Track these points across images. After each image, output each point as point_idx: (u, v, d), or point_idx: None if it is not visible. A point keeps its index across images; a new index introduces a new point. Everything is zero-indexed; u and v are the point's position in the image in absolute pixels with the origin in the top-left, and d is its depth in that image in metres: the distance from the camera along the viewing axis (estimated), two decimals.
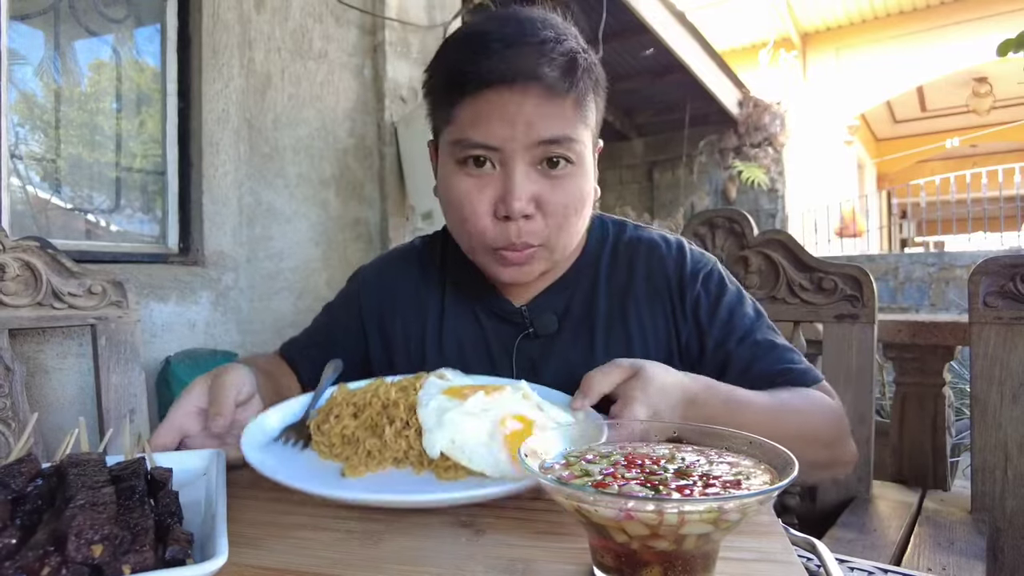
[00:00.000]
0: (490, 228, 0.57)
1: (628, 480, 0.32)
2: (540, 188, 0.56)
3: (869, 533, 0.72)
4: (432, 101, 0.62)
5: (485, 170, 0.57)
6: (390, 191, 2.18)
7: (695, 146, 5.41)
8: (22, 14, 1.46)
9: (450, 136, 0.58)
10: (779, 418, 0.55)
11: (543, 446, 0.37)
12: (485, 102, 0.55)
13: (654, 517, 0.28)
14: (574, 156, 0.57)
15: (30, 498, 0.37)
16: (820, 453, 0.57)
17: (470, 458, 0.43)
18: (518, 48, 0.55)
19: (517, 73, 0.54)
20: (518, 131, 0.55)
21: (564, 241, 0.60)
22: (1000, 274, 0.79)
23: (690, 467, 0.34)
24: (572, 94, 0.56)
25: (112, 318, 0.77)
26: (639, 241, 0.67)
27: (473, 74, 0.55)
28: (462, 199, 0.58)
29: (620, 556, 0.31)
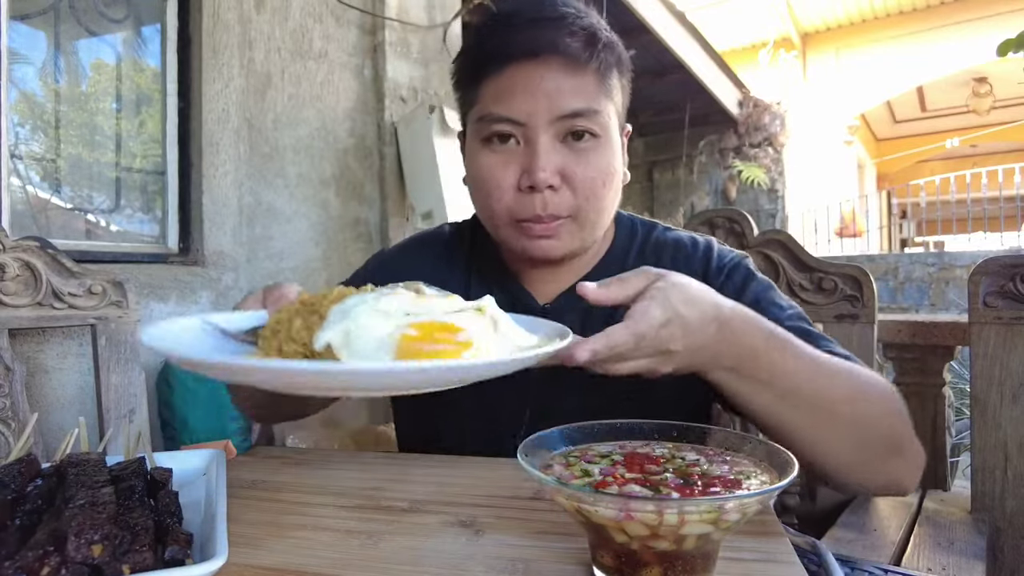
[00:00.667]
0: (514, 201, 0.57)
1: (628, 480, 0.32)
2: (565, 160, 0.56)
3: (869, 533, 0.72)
4: (459, 87, 0.63)
5: (509, 146, 0.57)
6: (390, 191, 2.18)
7: (695, 146, 5.40)
8: (22, 14, 1.46)
9: (476, 115, 0.59)
10: (828, 373, 0.49)
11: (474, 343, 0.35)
12: (507, 77, 0.56)
13: (654, 517, 0.28)
14: (599, 129, 0.57)
15: (30, 498, 0.37)
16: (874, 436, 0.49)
17: (351, 356, 0.36)
18: (539, 23, 0.56)
19: (538, 46, 0.55)
20: (540, 104, 0.55)
21: (593, 216, 0.58)
22: (1000, 274, 0.79)
23: (690, 467, 0.34)
24: (593, 65, 0.56)
25: (112, 318, 0.77)
26: (665, 243, 0.66)
27: (495, 51, 0.56)
28: (486, 175, 0.58)
29: (620, 556, 0.31)
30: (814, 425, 0.48)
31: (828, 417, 0.48)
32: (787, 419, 0.48)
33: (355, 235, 2.13)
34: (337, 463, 0.57)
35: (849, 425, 0.49)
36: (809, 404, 0.48)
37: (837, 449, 0.49)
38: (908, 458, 0.51)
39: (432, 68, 2.32)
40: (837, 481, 0.52)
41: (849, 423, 0.49)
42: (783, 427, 0.48)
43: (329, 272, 2.05)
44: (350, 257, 2.10)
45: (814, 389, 0.48)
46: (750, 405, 0.48)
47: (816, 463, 0.50)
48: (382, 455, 0.61)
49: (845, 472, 0.51)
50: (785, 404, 0.48)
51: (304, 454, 0.66)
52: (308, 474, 0.54)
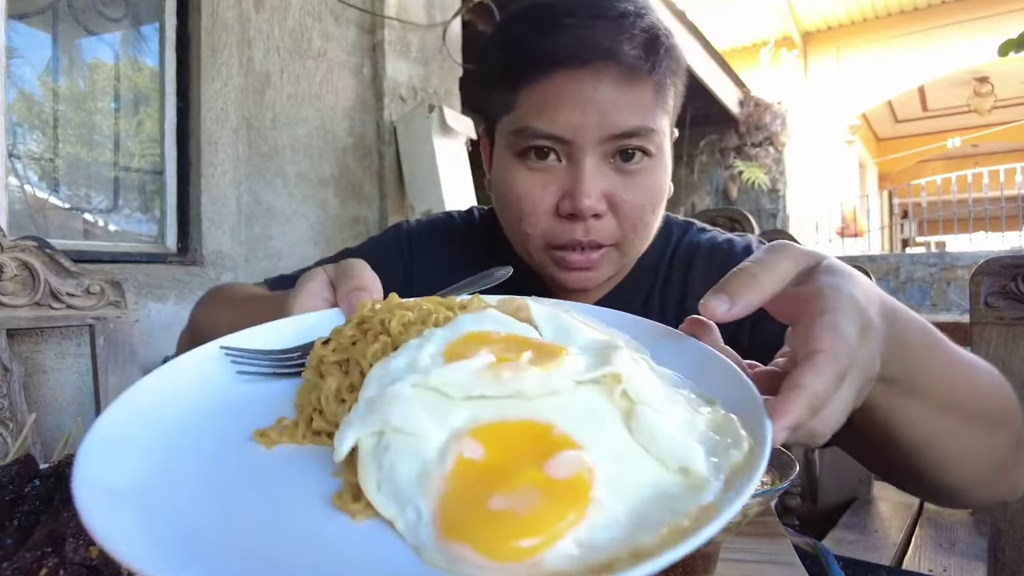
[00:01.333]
0: (552, 226, 0.50)
1: None
2: (612, 184, 0.49)
3: (870, 534, 0.72)
4: (487, 85, 0.54)
5: (549, 163, 0.49)
6: (389, 190, 2.18)
7: (696, 145, 5.40)
8: (20, 13, 1.46)
9: (510, 125, 0.51)
10: (977, 373, 0.41)
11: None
12: (553, 86, 0.47)
13: None
14: (653, 148, 0.50)
15: (28, 499, 0.37)
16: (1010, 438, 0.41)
17: (381, 485, 0.22)
18: (593, 23, 0.47)
19: (592, 52, 0.46)
20: (590, 120, 0.47)
21: (638, 244, 0.53)
22: (1001, 274, 0.78)
23: None
24: (654, 77, 0.48)
25: (110, 318, 0.77)
26: (698, 247, 0.59)
27: (540, 53, 0.48)
28: (521, 196, 0.50)
29: None
30: (964, 438, 0.39)
31: (978, 426, 0.40)
32: (936, 437, 0.37)
33: (354, 235, 2.13)
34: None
35: (991, 425, 0.41)
36: (965, 415, 0.39)
37: (980, 457, 0.41)
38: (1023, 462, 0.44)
39: (432, 67, 2.31)
40: (959, 496, 0.43)
41: (991, 423, 0.41)
42: (929, 442, 0.37)
43: None
44: None
45: (971, 395, 0.39)
46: (894, 428, 0.36)
47: (955, 479, 0.40)
48: None
49: (979, 483, 0.42)
50: (940, 418, 0.37)
51: None
52: None
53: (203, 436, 0.26)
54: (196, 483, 0.24)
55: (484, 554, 0.19)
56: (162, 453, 0.25)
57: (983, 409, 0.40)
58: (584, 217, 0.49)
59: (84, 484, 0.22)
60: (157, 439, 0.25)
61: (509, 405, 0.23)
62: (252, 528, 0.21)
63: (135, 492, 0.23)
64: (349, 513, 0.22)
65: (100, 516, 0.21)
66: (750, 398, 0.26)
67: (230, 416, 0.28)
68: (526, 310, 0.31)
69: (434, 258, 0.62)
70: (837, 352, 0.26)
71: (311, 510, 0.23)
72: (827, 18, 6.03)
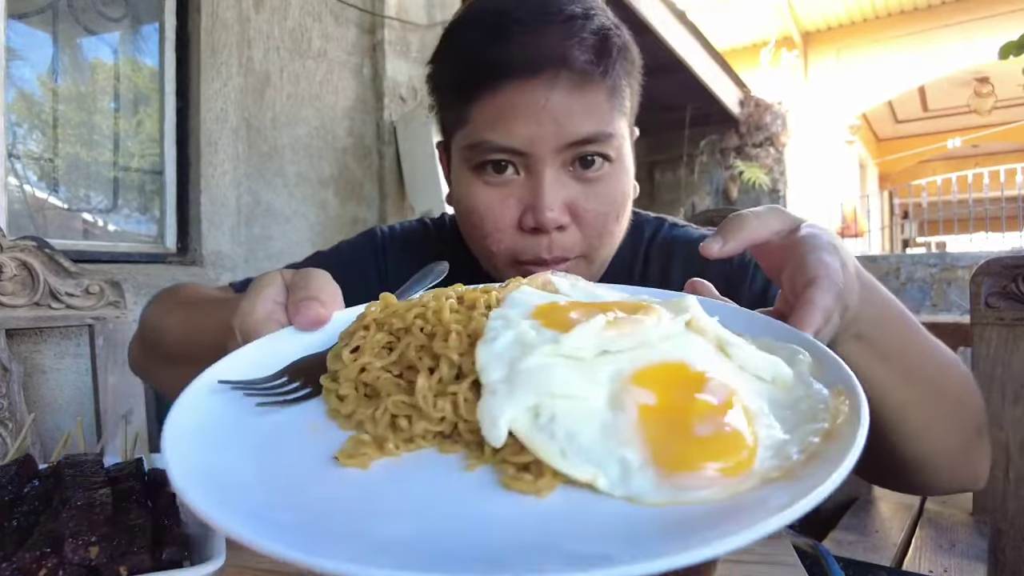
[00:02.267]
0: (516, 242, 0.49)
1: None
2: (574, 194, 0.48)
3: (871, 535, 0.71)
4: (440, 97, 0.54)
5: (507, 176, 0.48)
6: (389, 191, 2.18)
7: (696, 146, 5.40)
8: (20, 13, 1.46)
9: (465, 139, 0.50)
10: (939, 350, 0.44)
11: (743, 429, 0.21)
12: (505, 98, 0.46)
13: None
14: (612, 152, 0.49)
15: (27, 499, 0.37)
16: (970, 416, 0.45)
17: (566, 452, 0.22)
18: (541, 29, 0.46)
19: (542, 60, 0.46)
20: (546, 130, 0.46)
21: (604, 252, 0.52)
22: (1002, 275, 0.78)
23: None
24: (607, 81, 0.47)
25: (110, 318, 0.77)
26: (674, 242, 0.58)
27: (490, 65, 0.47)
28: (482, 213, 0.49)
29: None
30: (932, 409, 0.43)
31: (943, 400, 0.44)
32: (905, 399, 0.41)
33: (354, 235, 2.13)
34: None
35: (957, 407, 0.45)
36: (931, 386, 0.43)
37: (944, 436, 0.44)
38: (987, 439, 0.48)
39: None
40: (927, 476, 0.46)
41: (957, 405, 0.45)
42: (898, 409, 0.41)
43: None
44: None
45: (936, 369, 0.44)
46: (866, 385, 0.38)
47: (918, 456, 0.44)
48: None
49: (942, 462, 0.45)
50: (910, 386, 0.41)
51: None
52: None
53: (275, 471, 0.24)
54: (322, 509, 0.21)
55: (718, 473, 0.21)
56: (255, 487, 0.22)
57: (948, 387, 0.44)
58: (548, 230, 0.48)
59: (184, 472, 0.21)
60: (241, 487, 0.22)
61: (638, 355, 0.25)
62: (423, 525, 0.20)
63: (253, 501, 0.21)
64: (536, 491, 0.21)
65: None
66: (773, 324, 0.31)
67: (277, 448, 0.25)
68: (551, 284, 0.34)
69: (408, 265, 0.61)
70: (832, 276, 0.32)
71: (474, 501, 0.22)
72: (827, 18, 6.03)
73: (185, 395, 0.27)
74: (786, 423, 0.24)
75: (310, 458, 0.25)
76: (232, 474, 0.23)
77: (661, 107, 5.32)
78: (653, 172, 5.79)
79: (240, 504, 0.20)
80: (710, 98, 4.84)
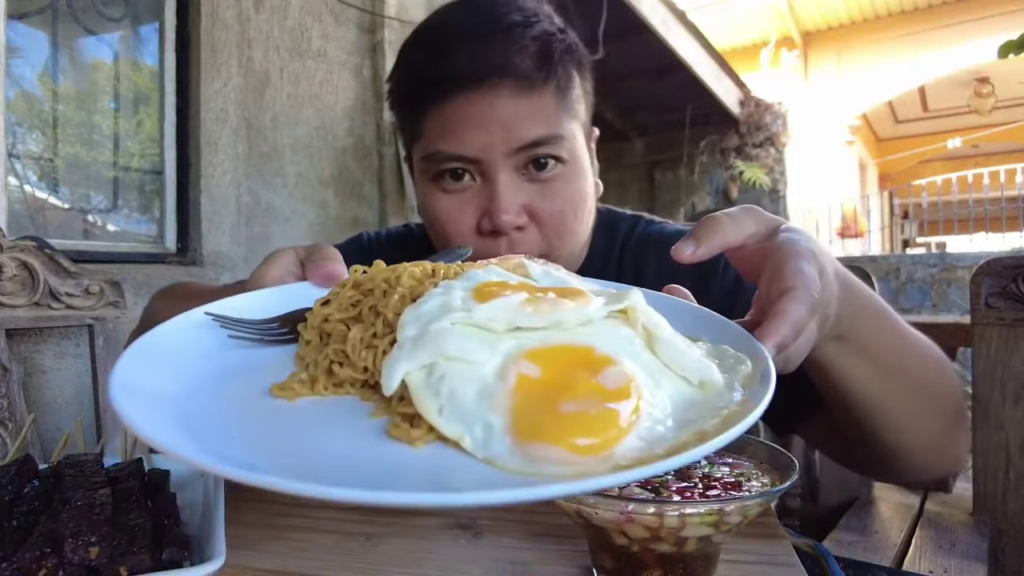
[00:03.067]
0: (477, 246, 0.50)
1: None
2: (529, 196, 0.50)
3: (871, 535, 0.71)
4: (398, 114, 0.56)
5: (464, 183, 0.50)
6: (389, 191, 2.18)
7: (696, 146, 5.40)
8: (20, 13, 1.46)
9: (421, 151, 0.51)
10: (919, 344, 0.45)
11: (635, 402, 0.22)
12: (453, 108, 0.48)
13: (655, 520, 0.28)
14: (564, 154, 0.50)
15: (27, 499, 0.37)
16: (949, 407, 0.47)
17: (443, 409, 0.23)
18: (482, 40, 0.48)
19: (485, 70, 0.47)
20: (495, 137, 0.48)
21: (566, 250, 0.53)
22: (1002, 275, 0.78)
23: (691, 469, 0.34)
24: (551, 84, 0.49)
25: (109, 318, 0.77)
26: (649, 239, 0.60)
27: (436, 78, 0.49)
28: (443, 220, 0.51)
29: (620, 559, 0.30)
30: (909, 402, 0.44)
31: (921, 393, 0.44)
32: (885, 399, 0.42)
33: (354, 235, 2.13)
34: None
35: (935, 400, 0.46)
36: (909, 380, 0.43)
37: (923, 427, 0.45)
38: (966, 429, 0.50)
39: None
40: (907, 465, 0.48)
41: (935, 397, 0.46)
42: (880, 402, 0.42)
43: None
44: None
45: (914, 363, 0.44)
46: (848, 385, 0.41)
47: (897, 446, 0.45)
48: None
49: (921, 451, 0.47)
50: (887, 381, 0.42)
51: None
52: None
53: (217, 392, 0.27)
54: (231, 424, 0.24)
55: (568, 449, 0.21)
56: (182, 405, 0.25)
57: (928, 378, 0.45)
58: (506, 231, 0.49)
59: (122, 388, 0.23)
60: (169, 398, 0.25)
61: (550, 334, 0.26)
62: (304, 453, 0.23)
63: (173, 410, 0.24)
64: (409, 440, 0.23)
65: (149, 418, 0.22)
66: (735, 331, 0.30)
67: (235, 376, 0.29)
68: (524, 267, 0.34)
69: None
70: (808, 286, 0.30)
71: (362, 443, 0.24)
72: (827, 18, 6.03)
73: (170, 322, 0.30)
74: (679, 422, 0.24)
75: (255, 388, 0.28)
76: (172, 391, 0.25)
77: (661, 107, 5.33)
78: (653, 172, 5.79)
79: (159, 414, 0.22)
80: (710, 98, 4.84)
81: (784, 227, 0.35)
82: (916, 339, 0.45)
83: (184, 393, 0.26)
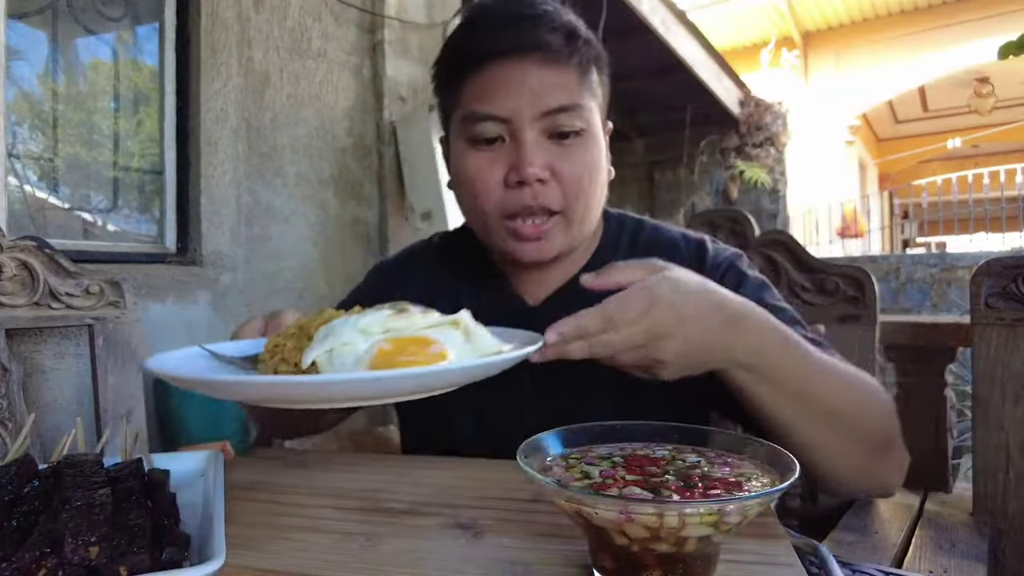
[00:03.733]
0: (503, 197, 0.57)
1: (629, 482, 0.32)
2: (552, 156, 0.56)
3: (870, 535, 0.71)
4: (440, 91, 0.62)
5: (496, 147, 0.57)
6: (389, 191, 2.18)
7: (696, 146, 5.40)
8: (20, 12, 1.46)
9: (460, 116, 0.59)
10: (838, 376, 0.51)
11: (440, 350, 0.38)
12: (489, 76, 0.56)
13: (654, 519, 0.28)
14: (583, 124, 0.57)
15: (26, 499, 0.37)
16: (872, 437, 0.52)
17: (334, 372, 0.40)
18: (518, 20, 0.56)
19: (519, 43, 0.55)
20: (524, 101, 0.55)
21: (582, 212, 0.58)
22: (1002, 275, 0.78)
23: (691, 469, 0.34)
24: (574, 60, 0.56)
25: (110, 318, 0.77)
26: (655, 241, 0.65)
27: (474, 50, 0.57)
28: (474, 175, 0.58)
29: (620, 559, 0.30)
30: (823, 428, 0.49)
31: (836, 420, 0.49)
32: (798, 422, 0.49)
33: (354, 235, 2.13)
34: (336, 465, 0.57)
35: (853, 428, 0.50)
36: (821, 407, 0.49)
37: (841, 452, 0.51)
38: (896, 457, 0.54)
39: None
40: (833, 484, 0.54)
41: (853, 426, 0.50)
42: (792, 430, 0.49)
43: (327, 272, 2.05)
44: (349, 257, 2.10)
45: (827, 392, 0.49)
46: (762, 408, 0.49)
47: (818, 466, 0.51)
48: (381, 457, 0.60)
49: (843, 474, 0.52)
50: (798, 407, 0.48)
51: (302, 455, 0.66)
52: (306, 475, 0.54)
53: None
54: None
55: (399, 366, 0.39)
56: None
57: (844, 409, 0.50)
58: (530, 182, 0.56)
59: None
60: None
61: (405, 332, 0.41)
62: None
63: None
64: None
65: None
66: (539, 338, 0.45)
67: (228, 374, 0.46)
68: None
69: (410, 285, 0.71)
70: (608, 304, 0.43)
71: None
72: (827, 18, 6.03)
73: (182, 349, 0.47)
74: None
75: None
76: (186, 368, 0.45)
77: (661, 107, 5.32)
78: (653, 172, 5.79)
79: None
80: (710, 98, 4.84)
81: (666, 272, 0.45)
82: (834, 370, 0.51)
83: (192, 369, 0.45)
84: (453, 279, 0.68)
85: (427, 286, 0.69)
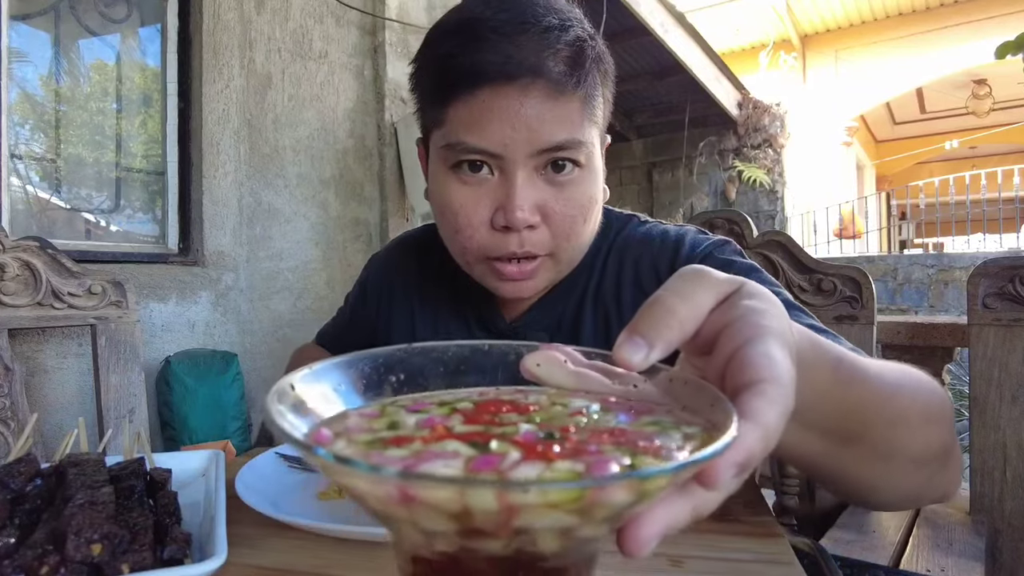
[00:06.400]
0: (488, 239, 0.51)
1: (453, 435, 0.18)
2: (544, 196, 0.50)
3: (868, 534, 0.72)
4: (420, 98, 0.55)
5: (482, 175, 0.50)
6: (390, 192, 2.18)
7: (695, 147, 5.41)
8: (23, 14, 1.46)
9: (442, 139, 0.51)
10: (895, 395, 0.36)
11: None
12: (481, 102, 0.48)
13: (454, 500, 0.15)
14: (582, 159, 0.51)
15: (29, 498, 0.37)
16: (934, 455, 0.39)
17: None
18: (518, 38, 0.48)
19: (518, 68, 0.47)
20: (519, 135, 0.48)
21: (572, 253, 0.54)
22: (999, 276, 0.79)
23: (571, 416, 0.20)
24: (580, 91, 0.49)
25: (112, 318, 0.77)
26: (632, 239, 0.59)
27: (467, 69, 0.48)
28: (456, 210, 0.51)
29: (430, 564, 0.18)
30: (880, 463, 0.37)
31: (893, 445, 0.37)
32: (847, 465, 0.36)
33: (355, 235, 2.13)
34: None
35: (915, 456, 0.38)
36: (877, 441, 0.36)
37: (900, 482, 0.39)
38: (955, 464, 0.42)
39: None
40: (894, 505, 0.45)
41: (916, 453, 0.38)
42: (842, 475, 0.37)
43: (328, 272, 2.05)
44: (350, 257, 2.10)
45: (884, 421, 0.36)
46: (802, 458, 0.36)
47: (872, 500, 0.41)
48: None
49: (902, 503, 0.44)
50: (849, 449, 0.35)
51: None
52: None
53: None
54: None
55: None
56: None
57: (901, 433, 0.37)
58: (518, 229, 0.50)
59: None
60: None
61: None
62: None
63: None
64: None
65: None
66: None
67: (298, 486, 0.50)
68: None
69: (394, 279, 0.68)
70: (782, 381, 0.22)
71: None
72: (825, 20, 6.04)
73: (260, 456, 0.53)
74: None
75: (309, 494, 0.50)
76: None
77: (660, 109, 5.34)
78: (652, 173, 5.80)
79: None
80: (709, 100, 4.85)
81: (746, 291, 0.26)
82: (896, 387, 0.36)
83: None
84: (435, 281, 0.65)
85: (413, 282, 0.66)
